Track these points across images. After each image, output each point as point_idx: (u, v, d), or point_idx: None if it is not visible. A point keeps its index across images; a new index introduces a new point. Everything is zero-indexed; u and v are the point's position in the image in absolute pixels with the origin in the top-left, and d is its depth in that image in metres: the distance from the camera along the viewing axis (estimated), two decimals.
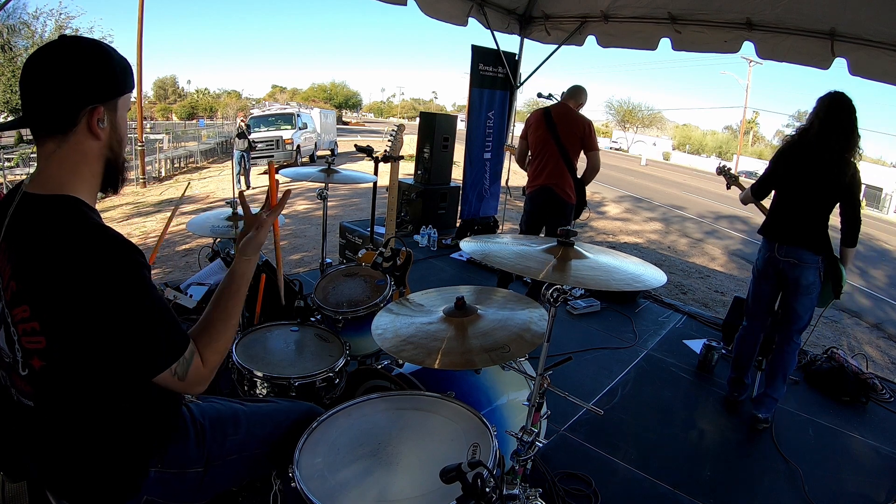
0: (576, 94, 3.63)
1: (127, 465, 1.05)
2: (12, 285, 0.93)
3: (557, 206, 3.56)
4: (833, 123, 2.39)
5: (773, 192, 2.68)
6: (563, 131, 3.48)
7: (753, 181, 2.81)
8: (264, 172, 13.75)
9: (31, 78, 0.95)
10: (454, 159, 6.14)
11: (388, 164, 3.15)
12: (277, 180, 1.36)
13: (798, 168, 2.50)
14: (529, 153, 3.71)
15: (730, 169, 3.21)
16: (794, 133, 2.58)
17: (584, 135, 3.51)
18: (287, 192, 1.27)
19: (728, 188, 3.18)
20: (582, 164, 3.61)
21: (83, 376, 0.96)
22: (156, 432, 1.09)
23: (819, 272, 2.55)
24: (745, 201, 2.86)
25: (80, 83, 0.95)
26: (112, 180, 1.06)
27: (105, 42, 1.04)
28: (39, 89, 0.95)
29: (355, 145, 3.51)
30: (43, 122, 0.97)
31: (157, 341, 0.96)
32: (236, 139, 11.83)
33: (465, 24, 4.69)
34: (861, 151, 2.44)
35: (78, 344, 0.92)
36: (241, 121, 12.46)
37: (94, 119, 0.97)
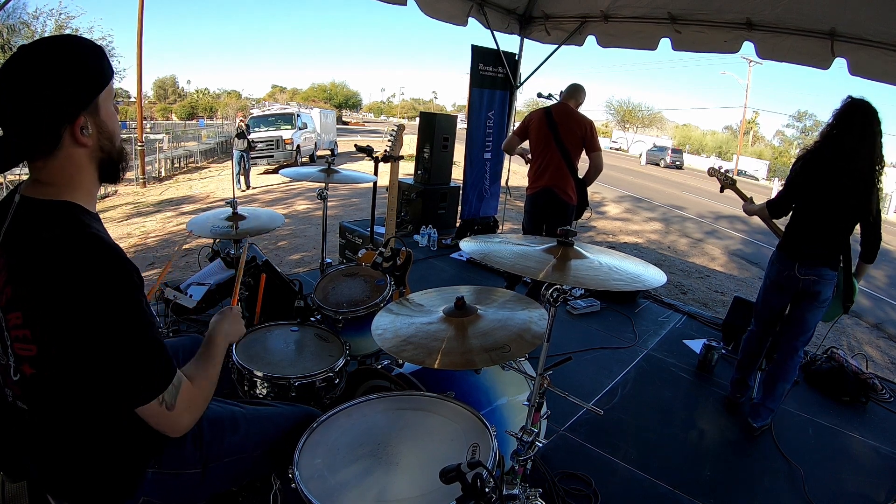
0: (575, 94, 3.62)
1: (124, 467, 1.05)
2: (7, 291, 0.92)
3: (559, 207, 3.56)
4: (847, 126, 2.30)
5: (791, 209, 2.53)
6: (565, 132, 3.48)
7: (768, 197, 2.64)
8: (264, 172, 13.77)
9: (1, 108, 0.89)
10: (454, 159, 6.14)
11: (388, 164, 3.15)
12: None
13: (814, 180, 2.38)
14: (529, 153, 3.72)
15: (726, 171, 3.00)
16: (807, 147, 2.48)
17: (585, 135, 3.50)
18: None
19: (721, 191, 3.00)
20: (584, 164, 3.61)
21: (73, 388, 0.95)
22: (152, 436, 1.07)
23: (835, 287, 2.50)
24: (750, 213, 2.71)
25: (50, 103, 0.89)
26: (110, 175, 1.04)
27: (69, 36, 0.96)
28: (12, 119, 0.90)
29: (355, 145, 3.51)
30: (25, 149, 0.92)
31: (146, 367, 0.93)
32: (236, 139, 11.82)
33: (465, 24, 4.69)
34: (883, 158, 2.29)
35: (67, 357, 0.91)
36: (241, 121, 12.46)
37: (77, 130, 0.93)
